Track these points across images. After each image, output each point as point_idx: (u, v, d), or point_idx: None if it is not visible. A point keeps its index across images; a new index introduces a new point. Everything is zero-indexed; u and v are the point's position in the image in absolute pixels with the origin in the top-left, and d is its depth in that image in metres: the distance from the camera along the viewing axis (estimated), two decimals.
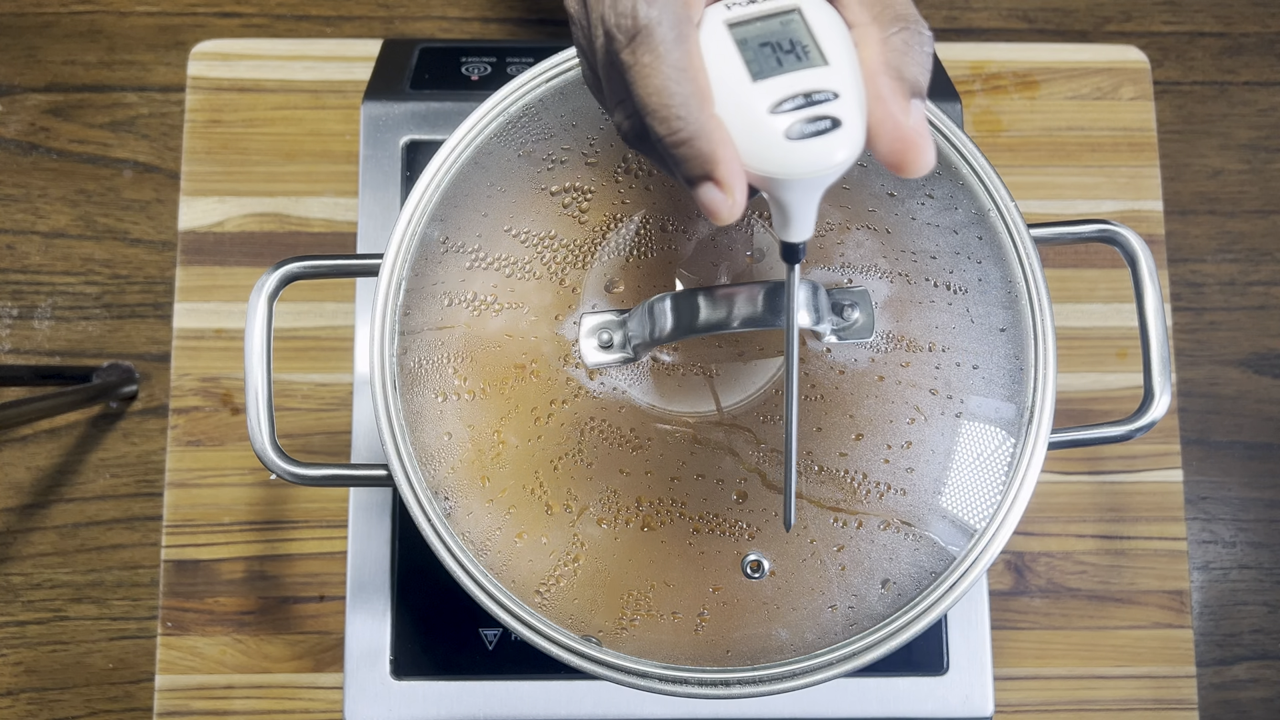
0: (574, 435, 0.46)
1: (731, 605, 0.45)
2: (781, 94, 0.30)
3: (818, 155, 0.30)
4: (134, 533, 0.77)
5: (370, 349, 0.46)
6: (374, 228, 0.64)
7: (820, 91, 0.30)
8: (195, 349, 0.70)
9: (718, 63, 0.31)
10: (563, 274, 0.47)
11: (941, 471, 0.45)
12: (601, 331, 0.45)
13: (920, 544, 0.45)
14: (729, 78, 0.31)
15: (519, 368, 0.46)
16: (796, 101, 0.30)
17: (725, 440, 0.46)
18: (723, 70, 0.31)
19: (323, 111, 0.73)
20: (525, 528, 0.45)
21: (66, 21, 0.85)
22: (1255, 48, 0.85)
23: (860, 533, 0.45)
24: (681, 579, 0.45)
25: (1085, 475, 0.70)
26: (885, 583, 0.45)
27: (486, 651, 0.60)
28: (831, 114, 0.30)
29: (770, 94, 0.30)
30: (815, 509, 0.45)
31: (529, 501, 0.45)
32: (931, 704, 0.60)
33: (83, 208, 0.82)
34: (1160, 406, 0.47)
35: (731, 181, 0.30)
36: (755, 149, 0.30)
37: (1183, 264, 0.80)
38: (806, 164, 0.30)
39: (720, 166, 0.30)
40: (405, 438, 0.45)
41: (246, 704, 0.66)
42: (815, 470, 0.45)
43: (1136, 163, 0.74)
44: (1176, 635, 0.69)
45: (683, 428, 0.46)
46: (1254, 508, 0.78)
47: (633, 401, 0.46)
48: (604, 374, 0.46)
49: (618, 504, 0.45)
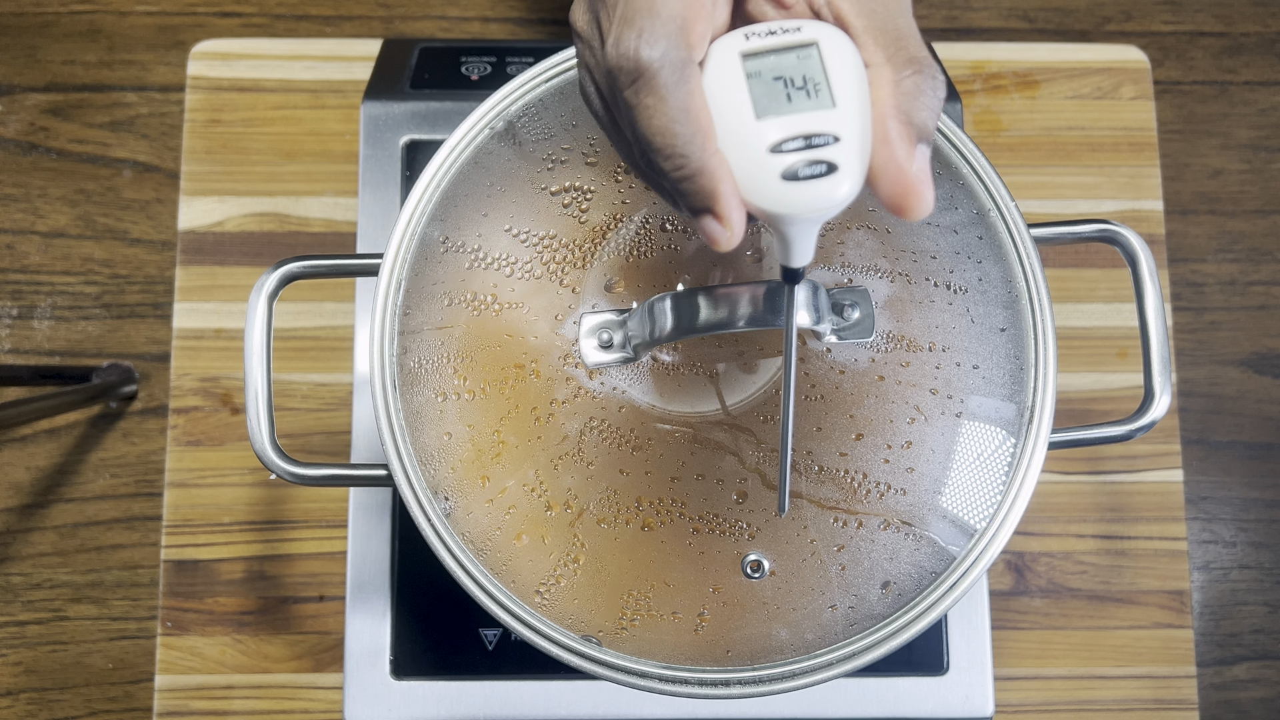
0: (574, 435, 0.46)
1: (731, 605, 0.45)
2: (782, 134, 0.30)
3: (812, 197, 0.31)
4: (134, 533, 0.77)
5: (370, 349, 0.46)
6: (374, 227, 0.64)
7: (821, 135, 0.30)
8: (195, 349, 0.70)
9: (725, 95, 0.31)
10: (563, 274, 0.47)
11: (942, 471, 0.45)
12: (601, 331, 0.45)
13: (920, 544, 0.45)
14: (734, 113, 0.31)
15: (519, 368, 0.46)
16: (796, 144, 0.30)
17: (725, 440, 0.46)
18: (729, 103, 0.31)
19: (322, 111, 0.73)
20: (525, 528, 0.45)
21: (66, 21, 0.85)
22: (1255, 47, 0.85)
23: (860, 533, 0.45)
24: (681, 579, 0.45)
25: (1086, 475, 0.70)
26: (886, 584, 0.45)
27: (486, 651, 0.60)
28: (829, 159, 0.30)
29: (772, 133, 0.31)
30: (815, 509, 0.45)
31: (529, 501, 0.45)
32: (932, 704, 0.60)
33: (82, 207, 0.81)
34: (1160, 406, 0.47)
35: (731, 215, 0.31)
36: (754, 186, 0.31)
37: (1183, 264, 0.80)
38: (801, 204, 0.31)
39: (720, 202, 0.31)
40: (405, 438, 0.45)
41: (246, 704, 0.66)
42: (815, 470, 0.45)
43: (1137, 162, 0.74)
44: (1177, 635, 0.68)
45: (683, 428, 0.46)
46: (1254, 508, 0.78)
47: (633, 401, 0.46)
48: (604, 374, 0.46)
49: (618, 504, 0.45)
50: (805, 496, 0.45)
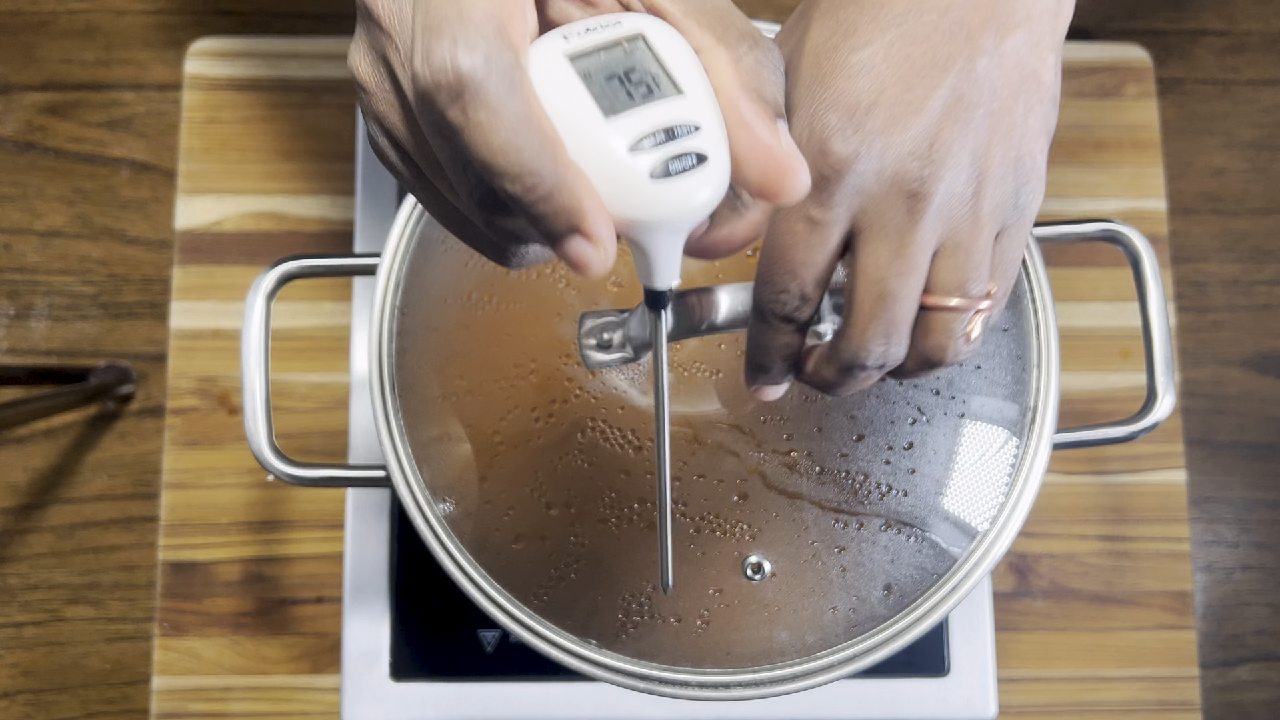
0: (574, 436, 0.45)
1: (732, 607, 0.45)
2: (640, 131, 0.27)
3: (685, 194, 0.27)
4: (131, 534, 0.77)
5: (369, 349, 0.46)
6: (371, 227, 0.63)
7: (681, 125, 0.27)
8: (192, 349, 0.70)
9: (564, 101, 0.27)
10: (563, 272, 0.46)
11: (944, 472, 0.45)
12: (602, 331, 0.44)
13: (923, 546, 0.45)
14: (580, 117, 0.27)
15: (518, 367, 0.46)
16: (657, 138, 0.27)
17: (726, 440, 0.46)
18: (571, 109, 0.27)
19: (320, 110, 0.73)
20: (524, 529, 0.45)
21: (63, 20, 0.85)
22: (1259, 46, 0.84)
23: (862, 534, 0.45)
24: (682, 580, 0.45)
25: (1088, 476, 0.70)
26: (888, 586, 0.45)
27: (485, 653, 0.60)
28: (696, 149, 0.27)
29: (627, 131, 0.27)
30: (816, 510, 0.45)
31: (528, 502, 0.45)
32: (934, 706, 0.60)
33: (79, 207, 0.81)
34: (1164, 407, 0.46)
35: (600, 232, 0.27)
36: (617, 193, 0.27)
37: (1186, 263, 0.80)
38: (677, 204, 0.27)
39: (586, 218, 0.27)
40: (403, 438, 0.45)
41: (244, 706, 0.66)
42: (816, 471, 0.45)
43: (1139, 161, 0.73)
44: (1179, 637, 0.68)
45: (683, 428, 0.46)
46: (1258, 508, 0.77)
47: (632, 401, 0.46)
48: (604, 374, 0.46)
49: (619, 504, 0.45)
50: (806, 498, 0.45)
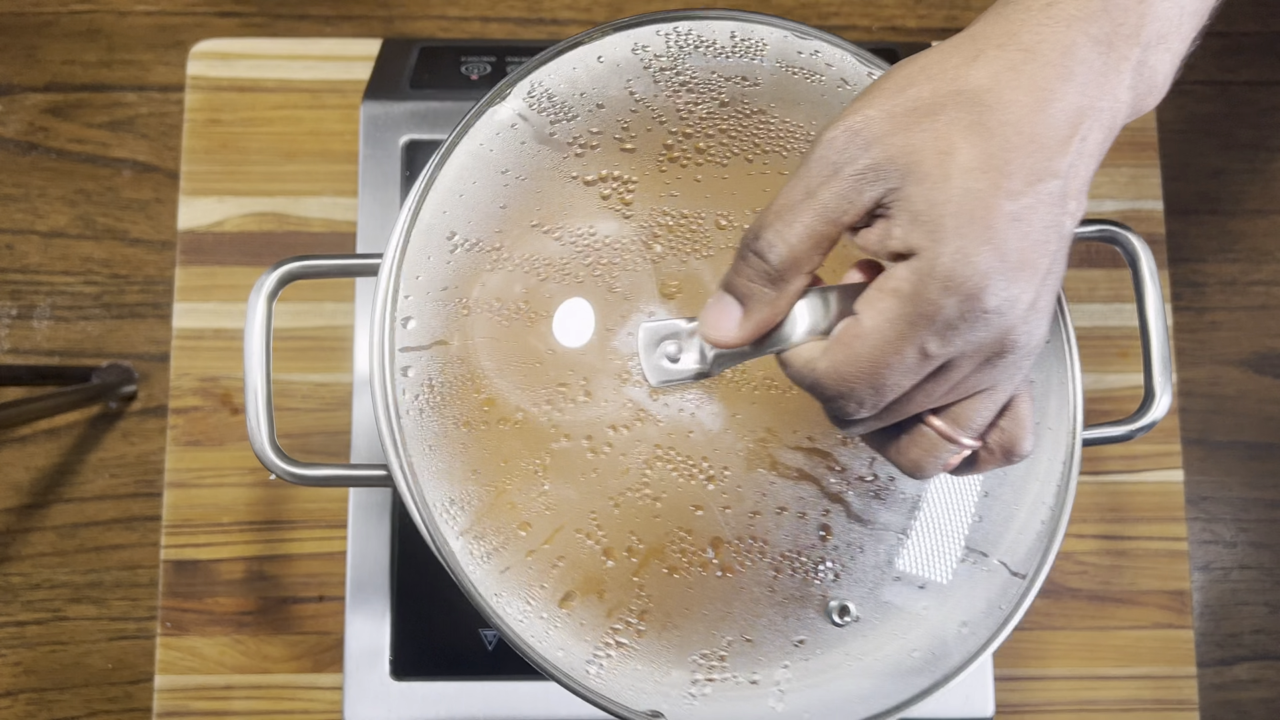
0: (637, 466, 0.41)
1: (813, 659, 0.41)
2: None
3: None
4: (133, 533, 0.77)
5: (370, 349, 0.46)
6: (373, 227, 0.64)
7: None
8: (194, 349, 0.70)
9: None
10: (610, 277, 0.42)
11: (1014, 495, 0.44)
12: (666, 342, 0.38)
13: (991, 573, 0.42)
14: None
15: (564, 387, 0.42)
16: None
17: (804, 465, 0.42)
18: None
19: (322, 111, 0.73)
20: (575, 585, 0.41)
21: (66, 21, 0.85)
22: (1256, 47, 0.85)
23: (944, 565, 0.42)
24: (762, 632, 0.40)
25: (1086, 475, 0.70)
26: (964, 622, 0.41)
27: (486, 652, 0.60)
28: None
29: None
30: (897, 540, 0.42)
31: (580, 548, 0.41)
32: (932, 704, 0.59)
33: (82, 207, 0.81)
34: (1161, 406, 0.46)
35: None
36: None
37: (1183, 264, 0.80)
38: None
39: None
40: (402, 438, 0.45)
41: (246, 704, 0.66)
42: (901, 498, 0.42)
43: (1137, 162, 0.73)
44: (1177, 636, 0.68)
45: (757, 447, 0.41)
46: (1255, 508, 0.78)
47: (703, 424, 0.41)
48: (666, 394, 0.41)
49: (691, 547, 0.40)
50: (890, 529, 0.41)
